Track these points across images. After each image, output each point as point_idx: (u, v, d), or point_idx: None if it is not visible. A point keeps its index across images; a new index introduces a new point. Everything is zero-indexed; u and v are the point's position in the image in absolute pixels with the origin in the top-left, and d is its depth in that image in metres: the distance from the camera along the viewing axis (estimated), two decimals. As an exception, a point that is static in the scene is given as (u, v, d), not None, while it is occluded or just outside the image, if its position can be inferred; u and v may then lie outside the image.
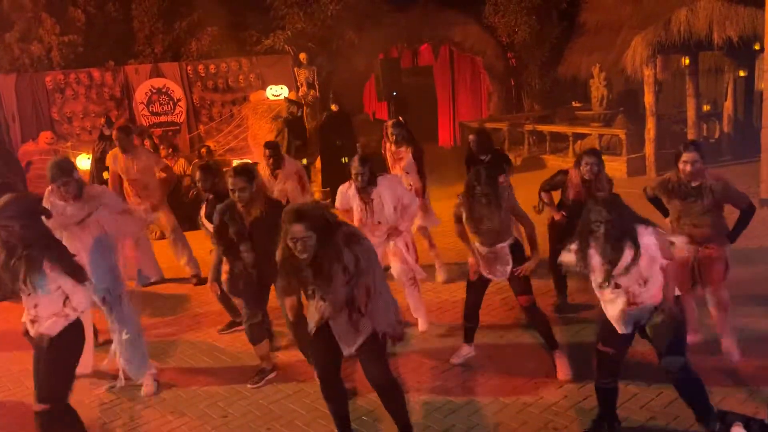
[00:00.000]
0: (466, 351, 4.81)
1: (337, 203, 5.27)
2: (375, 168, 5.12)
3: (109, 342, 4.86)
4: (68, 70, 12.29)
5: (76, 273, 3.51)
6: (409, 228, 5.39)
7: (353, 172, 5.02)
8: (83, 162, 10.68)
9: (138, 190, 7.06)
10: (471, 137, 6.41)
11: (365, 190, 5.07)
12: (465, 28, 15.38)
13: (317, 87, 12.81)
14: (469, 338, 4.82)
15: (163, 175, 7.05)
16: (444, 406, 4.20)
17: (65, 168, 4.46)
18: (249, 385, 4.66)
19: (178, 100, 12.76)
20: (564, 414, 4.01)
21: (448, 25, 15.26)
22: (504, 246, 4.45)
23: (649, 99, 11.21)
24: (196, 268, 7.23)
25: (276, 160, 6.57)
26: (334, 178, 10.51)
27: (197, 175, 5.51)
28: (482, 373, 4.60)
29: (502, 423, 3.98)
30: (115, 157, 7.13)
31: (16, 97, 11.71)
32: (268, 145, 6.82)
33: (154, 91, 12.63)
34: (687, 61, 11.56)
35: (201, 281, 6.99)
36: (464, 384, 4.49)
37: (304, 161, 10.90)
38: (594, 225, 3.45)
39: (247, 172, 4.48)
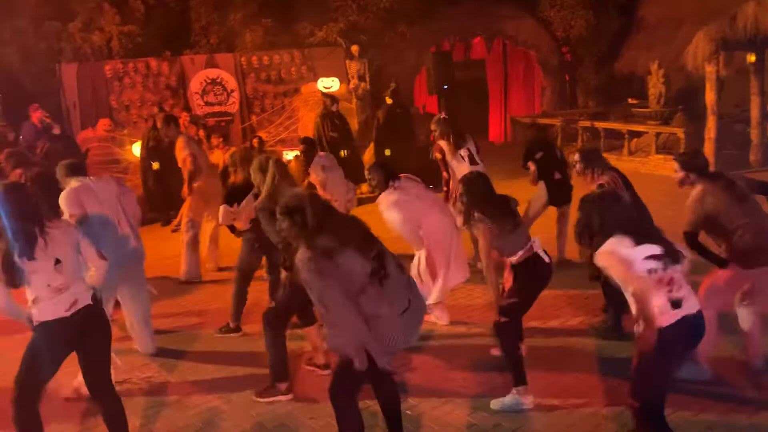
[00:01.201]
0: None
1: None
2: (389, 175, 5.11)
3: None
4: (127, 59, 12.61)
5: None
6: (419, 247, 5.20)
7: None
8: (138, 149, 10.93)
9: (185, 178, 7.10)
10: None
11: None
12: (519, 22, 15.15)
13: (368, 80, 12.82)
14: None
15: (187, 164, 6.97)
16: (490, 405, 4.14)
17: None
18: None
19: (232, 90, 12.94)
20: (613, 418, 3.90)
21: (503, 18, 15.05)
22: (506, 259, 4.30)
23: (710, 97, 10.82)
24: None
25: (308, 156, 6.81)
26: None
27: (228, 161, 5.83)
28: (530, 373, 4.50)
29: (549, 424, 3.90)
30: None
31: (77, 85, 12.08)
32: (303, 140, 7.09)
33: (209, 81, 12.84)
34: (752, 58, 11.12)
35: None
36: (511, 384, 4.41)
37: (342, 153, 10.72)
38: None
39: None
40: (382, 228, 4.60)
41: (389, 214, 5.03)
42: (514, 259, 4.20)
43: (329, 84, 12.46)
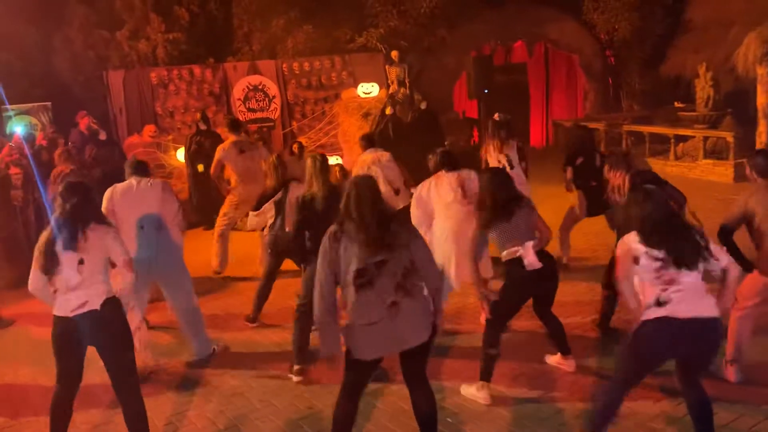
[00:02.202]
0: (555, 360, 4.65)
1: None
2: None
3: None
4: (171, 66, 12.84)
5: None
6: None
7: None
8: (182, 155, 11.13)
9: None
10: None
11: None
12: (562, 25, 14.93)
13: (407, 85, 12.79)
14: (557, 348, 4.63)
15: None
16: (534, 414, 4.06)
17: None
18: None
19: (273, 97, 13.07)
20: (661, 430, 3.78)
21: (545, 21, 14.86)
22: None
23: (761, 100, 10.49)
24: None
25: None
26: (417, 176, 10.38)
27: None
28: (574, 380, 4.42)
29: None
30: None
31: (124, 91, 12.36)
32: (362, 137, 7.36)
33: (251, 88, 13.00)
34: (806, 60, 10.71)
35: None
36: (554, 392, 4.32)
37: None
38: None
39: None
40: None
41: (416, 192, 5.49)
42: (503, 254, 4.31)
43: (369, 89, 12.49)
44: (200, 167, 9.80)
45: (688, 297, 3.22)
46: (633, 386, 3.44)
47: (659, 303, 3.23)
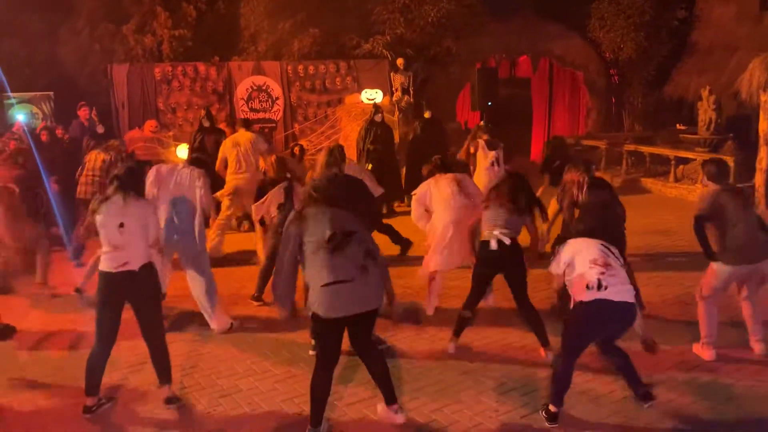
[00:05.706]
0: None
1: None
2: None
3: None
4: (176, 62, 12.84)
5: None
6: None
7: None
8: (183, 152, 11.10)
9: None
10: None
11: None
12: (567, 42, 14.98)
13: (411, 93, 12.80)
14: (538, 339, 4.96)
15: None
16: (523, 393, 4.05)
17: None
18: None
19: (277, 98, 13.07)
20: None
21: (550, 37, 14.91)
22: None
23: (763, 126, 10.48)
24: None
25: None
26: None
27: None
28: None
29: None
30: None
31: (127, 85, 12.35)
32: None
33: (255, 88, 13.00)
34: (810, 88, 10.73)
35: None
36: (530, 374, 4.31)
37: (369, 166, 10.57)
38: None
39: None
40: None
41: (417, 191, 6.05)
42: (484, 233, 4.98)
43: (373, 95, 12.50)
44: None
45: (619, 283, 3.84)
46: (578, 356, 4.01)
47: (598, 286, 3.80)
